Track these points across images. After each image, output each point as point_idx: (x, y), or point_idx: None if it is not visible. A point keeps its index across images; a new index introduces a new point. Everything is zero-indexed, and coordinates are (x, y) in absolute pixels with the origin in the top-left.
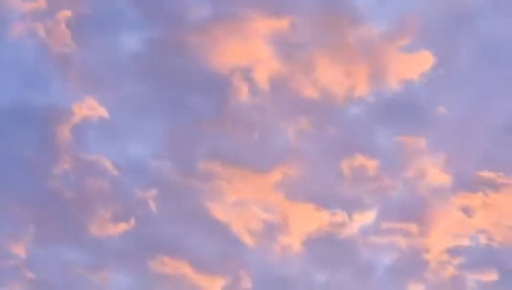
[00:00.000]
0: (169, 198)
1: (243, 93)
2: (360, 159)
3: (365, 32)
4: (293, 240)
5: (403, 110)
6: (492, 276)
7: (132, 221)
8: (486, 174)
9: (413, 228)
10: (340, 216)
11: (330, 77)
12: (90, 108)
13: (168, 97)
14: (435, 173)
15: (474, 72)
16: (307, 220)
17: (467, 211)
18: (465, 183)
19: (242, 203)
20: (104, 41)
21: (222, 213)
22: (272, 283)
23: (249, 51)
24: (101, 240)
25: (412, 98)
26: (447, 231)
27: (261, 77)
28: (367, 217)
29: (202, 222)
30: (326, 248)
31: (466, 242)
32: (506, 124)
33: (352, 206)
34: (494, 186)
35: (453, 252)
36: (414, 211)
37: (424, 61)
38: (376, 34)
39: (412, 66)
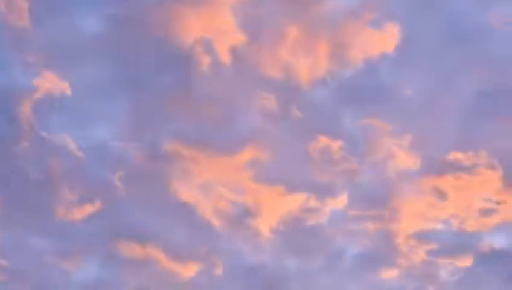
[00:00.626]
0: (135, 180)
1: (205, 66)
2: (325, 142)
3: (331, 7)
4: (264, 226)
5: (368, 91)
6: (466, 261)
7: (98, 203)
8: (455, 155)
9: (383, 213)
10: (311, 201)
11: (294, 53)
12: (51, 83)
13: (131, 76)
14: (402, 156)
15: (441, 50)
16: (277, 204)
17: (437, 194)
18: (434, 166)
19: (209, 185)
20: (63, 19)
21: (190, 195)
22: (244, 270)
23: (212, 23)
24: (68, 224)
25: (377, 79)
26: (418, 216)
27: (224, 49)
28: (337, 203)
29: (170, 204)
30: (297, 234)
31: (438, 226)
32: (473, 104)
33: (322, 190)
34: (464, 168)
35: (425, 236)
36: (383, 195)
37: (390, 37)
38: (342, 9)
39: (378, 42)
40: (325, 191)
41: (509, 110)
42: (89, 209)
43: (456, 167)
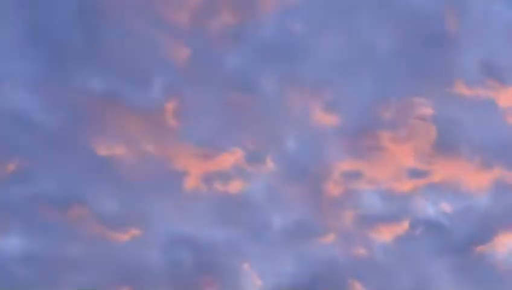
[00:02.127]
0: (53, 142)
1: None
2: (244, 102)
3: None
4: (188, 188)
5: (283, 50)
6: (399, 227)
7: (13, 167)
8: (378, 114)
9: (309, 177)
10: (238, 163)
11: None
12: None
13: (36, 32)
14: (322, 116)
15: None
16: (201, 167)
17: (363, 155)
18: (356, 126)
19: (132, 144)
20: None
21: (110, 154)
22: (170, 237)
23: None
24: None
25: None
26: (346, 179)
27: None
28: (263, 168)
29: (91, 165)
30: (224, 199)
31: (368, 190)
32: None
33: (247, 155)
34: (388, 127)
35: (355, 200)
36: (308, 159)
37: None
38: None
39: None
40: (250, 157)
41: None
42: (2, 174)
43: (379, 126)
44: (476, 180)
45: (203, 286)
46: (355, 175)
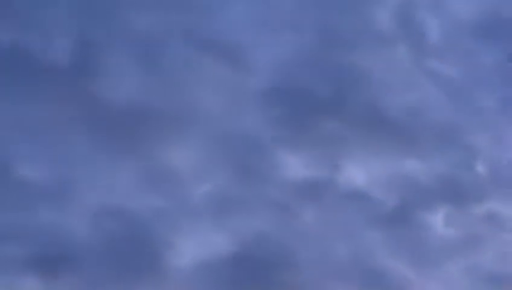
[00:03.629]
0: None
1: None
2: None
3: None
4: None
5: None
6: (326, 197)
7: None
8: None
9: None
10: None
11: None
12: None
13: None
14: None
15: None
16: None
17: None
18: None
19: None
20: None
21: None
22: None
23: None
24: None
25: None
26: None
27: None
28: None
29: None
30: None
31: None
32: None
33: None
34: None
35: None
36: (232, 128)
37: None
38: None
39: None
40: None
41: None
42: None
43: None
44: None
45: (131, 257)
46: (281, 142)
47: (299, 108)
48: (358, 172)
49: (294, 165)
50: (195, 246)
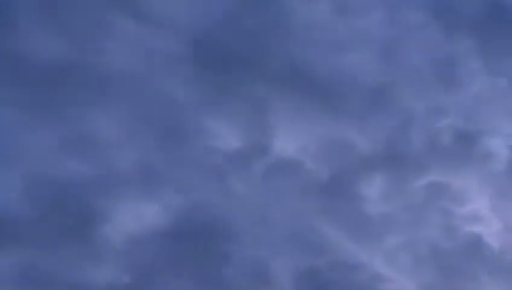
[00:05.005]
0: None
1: None
2: None
3: None
4: None
5: None
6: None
7: None
8: None
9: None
10: None
11: None
12: None
13: None
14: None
15: None
16: None
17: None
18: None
19: None
20: None
21: None
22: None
23: None
24: None
25: None
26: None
27: None
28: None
29: None
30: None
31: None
32: None
33: None
34: None
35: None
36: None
37: None
38: None
39: None
40: None
41: None
42: None
43: None
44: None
45: (64, 227)
46: (207, 106)
47: (222, 68)
48: (290, 140)
49: (223, 133)
50: (126, 218)
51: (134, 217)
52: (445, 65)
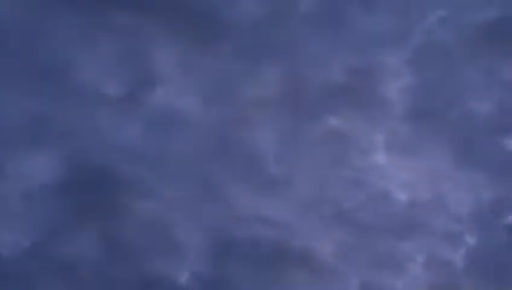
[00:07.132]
0: None
1: None
2: None
3: None
4: None
5: None
6: None
7: None
8: None
9: None
10: None
11: None
12: None
13: None
14: None
15: None
16: None
17: None
18: None
19: None
20: None
21: None
22: None
23: None
24: None
25: None
26: None
27: None
28: None
29: None
30: None
31: None
32: None
33: None
34: None
35: None
36: None
37: None
38: None
39: None
40: None
41: None
42: None
43: None
44: None
45: None
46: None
47: None
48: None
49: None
50: (17, 171)
51: (27, 171)
52: None
